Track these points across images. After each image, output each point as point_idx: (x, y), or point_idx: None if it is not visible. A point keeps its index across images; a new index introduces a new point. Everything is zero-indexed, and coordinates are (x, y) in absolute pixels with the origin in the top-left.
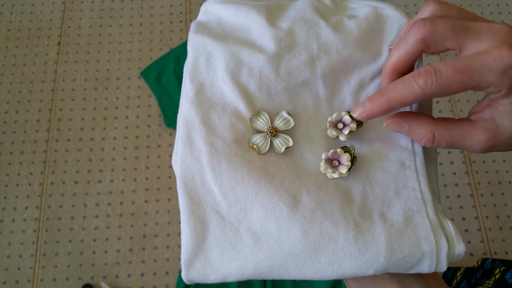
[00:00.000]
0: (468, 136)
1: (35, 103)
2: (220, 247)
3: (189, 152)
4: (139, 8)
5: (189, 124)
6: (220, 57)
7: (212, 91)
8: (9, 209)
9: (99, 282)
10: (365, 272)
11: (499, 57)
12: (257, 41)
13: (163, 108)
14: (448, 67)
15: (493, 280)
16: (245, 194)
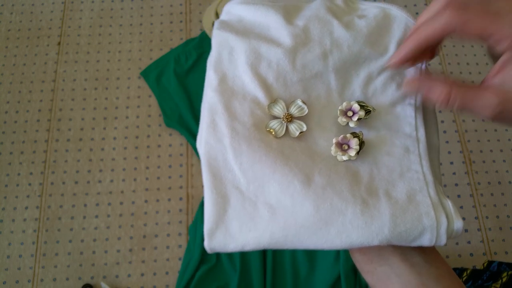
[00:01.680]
0: (480, 97)
1: (35, 103)
2: (239, 219)
3: (213, 134)
4: (139, 8)
5: (213, 110)
6: (241, 51)
7: (234, 81)
8: (9, 209)
9: (99, 282)
10: (371, 242)
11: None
12: (275, 37)
13: (163, 108)
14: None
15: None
16: (262, 172)
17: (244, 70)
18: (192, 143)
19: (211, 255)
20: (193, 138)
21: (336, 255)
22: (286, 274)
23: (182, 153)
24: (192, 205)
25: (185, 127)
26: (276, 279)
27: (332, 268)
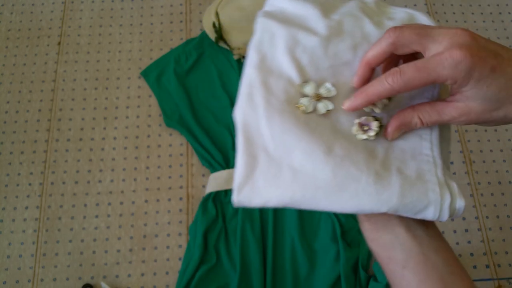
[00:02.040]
0: (444, 113)
1: (35, 103)
2: (265, 178)
3: (249, 105)
4: (139, 8)
5: (251, 84)
6: (281, 36)
7: (272, 62)
8: (9, 209)
9: (99, 282)
10: (379, 209)
11: (450, 56)
12: (312, 27)
13: (163, 108)
14: (410, 67)
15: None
16: (289, 140)
17: (282, 53)
18: (192, 143)
19: (211, 255)
20: (193, 138)
21: (336, 255)
22: (286, 274)
23: (182, 153)
24: (192, 205)
25: (185, 127)
26: (276, 279)
27: (332, 268)
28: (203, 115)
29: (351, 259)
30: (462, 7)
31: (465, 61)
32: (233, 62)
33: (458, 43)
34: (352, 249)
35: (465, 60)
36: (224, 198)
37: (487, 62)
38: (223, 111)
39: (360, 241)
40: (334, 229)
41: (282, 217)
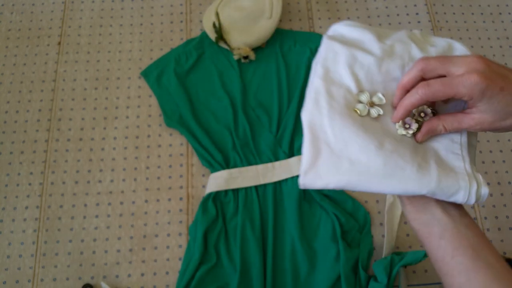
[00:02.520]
0: (463, 122)
1: (35, 103)
2: (326, 166)
3: (315, 107)
4: (139, 8)
5: (317, 91)
6: (342, 54)
7: (334, 74)
8: (9, 209)
9: (99, 282)
10: (421, 191)
11: (468, 78)
12: (368, 48)
13: (164, 108)
14: (436, 82)
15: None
16: (348, 136)
17: (343, 68)
18: (192, 143)
19: (211, 255)
20: (193, 138)
21: (336, 255)
22: (286, 274)
23: (182, 153)
24: (192, 205)
25: (185, 127)
26: (276, 279)
27: (332, 268)
28: (203, 115)
29: (351, 259)
30: (462, 7)
31: (480, 83)
32: (233, 62)
33: (475, 69)
34: (352, 249)
35: (480, 83)
36: (224, 198)
37: (497, 83)
38: (223, 111)
39: (360, 241)
40: (334, 229)
41: (282, 217)
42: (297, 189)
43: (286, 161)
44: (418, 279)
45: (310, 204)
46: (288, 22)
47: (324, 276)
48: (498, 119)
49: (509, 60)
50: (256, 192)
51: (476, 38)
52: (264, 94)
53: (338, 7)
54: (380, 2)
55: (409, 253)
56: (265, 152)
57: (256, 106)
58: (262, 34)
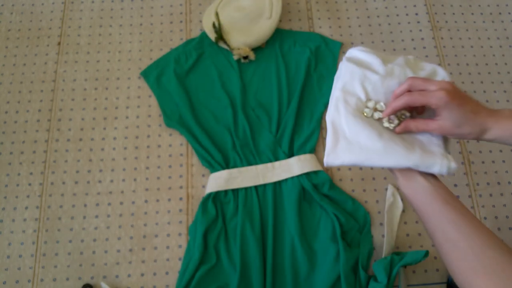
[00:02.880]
0: (429, 125)
1: (35, 103)
2: (343, 149)
3: (335, 110)
4: (139, 8)
5: (337, 99)
6: (357, 73)
7: (350, 87)
8: (9, 209)
9: (99, 282)
10: (408, 165)
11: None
12: (375, 69)
13: (163, 108)
14: (416, 93)
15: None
16: (358, 129)
17: (356, 83)
18: (192, 143)
19: (211, 255)
20: (193, 138)
21: (336, 255)
22: (286, 274)
23: (182, 153)
24: (192, 205)
25: (185, 127)
26: (276, 279)
27: (332, 268)
28: (203, 115)
29: (351, 259)
30: (462, 7)
31: (445, 98)
32: (233, 62)
33: (444, 88)
34: (352, 249)
35: (445, 97)
36: (224, 198)
37: (457, 101)
38: (223, 111)
39: (360, 241)
40: (334, 229)
41: (282, 217)
42: (297, 189)
43: (286, 161)
44: (418, 279)
45: (310, 204)
46: (288, 22)
47: (324, 276)
48: (455, 127)
49: (509, 60)
50: (256, 192)
51: (476, 38)
52: (264, 94)
53: (337, 7)
54: (380, 2)
55: (409, 253)
56: (265, 152)
57: (256, 106)
58: (262, 34)
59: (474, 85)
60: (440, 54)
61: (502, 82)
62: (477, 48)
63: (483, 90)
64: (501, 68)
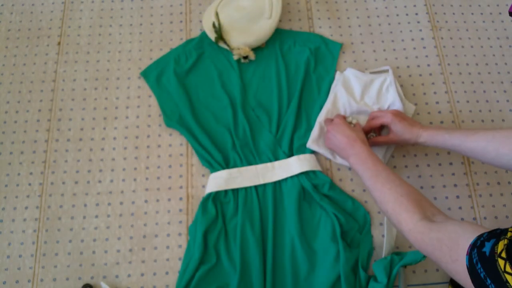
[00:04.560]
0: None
1: (35, 103)
2: (322, 143)
3: (325, 116)
4: (139, 8)
5: (328, 111)
6: (345, 98)
7: (337, 105)
8: (9, 209)
9: (99, 282)
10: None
11: (388, 116)
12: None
13: (163, 108)
14: (375, 118)
15: None
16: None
17: (341, 105)
18: (192, 143)
19: (211, 255)
20: (193, 138)
21: (336, 255)
22: (286, 274)
23: (182, 153)
24: (192, 205)
25: (185, 127)
26: (276, 279)
27: (332, 268)
28: (203, 115)
29: (351, 259)
30: (462, 7)
31: (391, 117)
32: (233, 62)
33: (391, 112)
34: (352, 249)
35: (391, 117)
36: (224, 198)
37: (398, 118)
38: (223, 111)
39: (360, 241)
40: (334, 229)
41: (282, 217)
42: (297, 189)
43: (285, 161)
44: (418, 279)
45: (310, 204)
46: (288, 22)
47: (324, 276)
48: (399, 135)
49: (509, 60)
50: (256, 192)
51: (476, 38)
52: (264, 94)
53: (337, 7)
54: (379, 2)
55: (409, 253)
56: (264, 152)
57: (256, 106)
58: (262, 34)
59: (474, 85)
60: (440, 54)
61: (502, 82)
62: (477, 48)
63: (483, 90)
64: (501, 68)
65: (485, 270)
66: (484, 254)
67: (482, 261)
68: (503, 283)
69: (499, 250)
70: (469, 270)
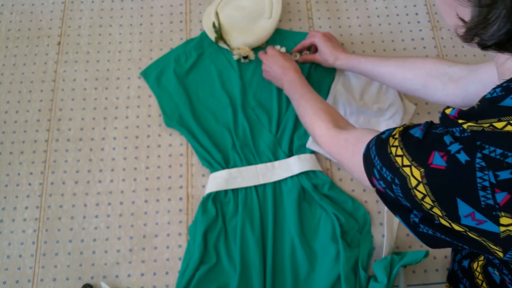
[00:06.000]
0: (314, 57)
1: (35, 103)
2: None
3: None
4: (139, 8)
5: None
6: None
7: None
8: (9, 209)
9: (99, 282)
10: None
11: (318, 35)
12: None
13: (163, 108)
14: (307, 40)
15: None
16: None
17: (341, 103)
18: (192, 143)
19: (211, 255)
20: (193, 138)
21: (336, 255)
22: (286, 274)
23: (182, 153)
24: (192, 205)
25: (185, 127)
26: (276, 279)
27: (332, 268)
28: (203, 115)
29: (351, 259)
30: None
31: (320, 38)
32: (233, 62)
33: (322, 33)
34: (352, 249)
35: (320, 38)
36: (224, 198)
37: (325, 38)
38: (223, 111)
39: (360, 241)
40: (334, 229)
41: (281, 217)
42: (297, 189)
43: (285, 161)
44: (418, 279)
45: (310, 204)
46: (288, 22)
47: (324, 276)
48: (320, 54)
49: None
50: (256, 192)
51: None
52: (264, 94)
53: (338, 7)
54: (380, 2)
55: (409, 253)
56: (264, 152)
57: (256, 106)
58: (262, 34)
59: None
60: (440, 54)
61: None
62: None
63: None
64: None
65: (376, 150)
66: (380, 139)
67: (377, 144)
68: (387, 155)
69: (394, 132)
70: (364, 156)
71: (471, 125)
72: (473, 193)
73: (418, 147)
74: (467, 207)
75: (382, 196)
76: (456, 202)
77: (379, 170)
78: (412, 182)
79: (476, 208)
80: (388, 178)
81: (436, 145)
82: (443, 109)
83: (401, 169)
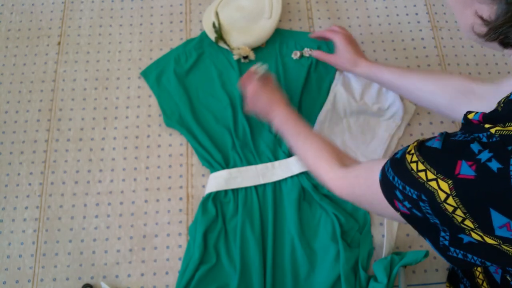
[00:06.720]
0: (328, 56)
1: (35, 103)
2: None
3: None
4: (139, 8)
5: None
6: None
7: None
8: (9, 209)
9: (99, 282)
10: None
11: (339, 36)
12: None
13: (163, 108)
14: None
15: None
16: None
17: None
18: (192, 143)
19: (211, 255)
20: (193, 138)
21: (336, 255)
22: (286, 274)
23: (182, 153)
24: (192, 205)
25: (185, 127)
26: (276, 279)
27: (332, 268)
28: (203, 115)
29: (351, 259)
30: None
31: (341, 39)
32: (233, 62)
33: (343, 33)
34: (352, 249)
35: (341, 39)
36: (224, 198)
37: (347, 40)
38: (223, 111)
39: (360, 241)
40: (334, 229)
41: (281, 217)
42: (297, 189)
43: (285, 161)
44: (418, 279)
45: (310, 204)
46: (288, 22)
47: (324, 276)
48: (338, 57)
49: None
50: (256, 192)
51: None
52: None
53: (338, 7)
54: (380, 2)
55: (409, 253)
56: (264, 152)
57: None
58: (262, 34)
59: None
60: (440, 54)
61: None
62: (477, 48)
63: None
64: (501, 68)
65: (394, 170)
66: (395, 159)
67: (393, 165)
68: (408, 172)
69: (409, 149)
70: (381, 182)
71: (499, 129)
72: (507, 202)
73: (441, 158)
74: (501, 217)
75: (408, 218)
76: (490, 213)
77: (402, 190)
78: (440, 195)
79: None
80: (414, 196)
81: (461, 154)
82: (464, 115)
83: (427, 183)
